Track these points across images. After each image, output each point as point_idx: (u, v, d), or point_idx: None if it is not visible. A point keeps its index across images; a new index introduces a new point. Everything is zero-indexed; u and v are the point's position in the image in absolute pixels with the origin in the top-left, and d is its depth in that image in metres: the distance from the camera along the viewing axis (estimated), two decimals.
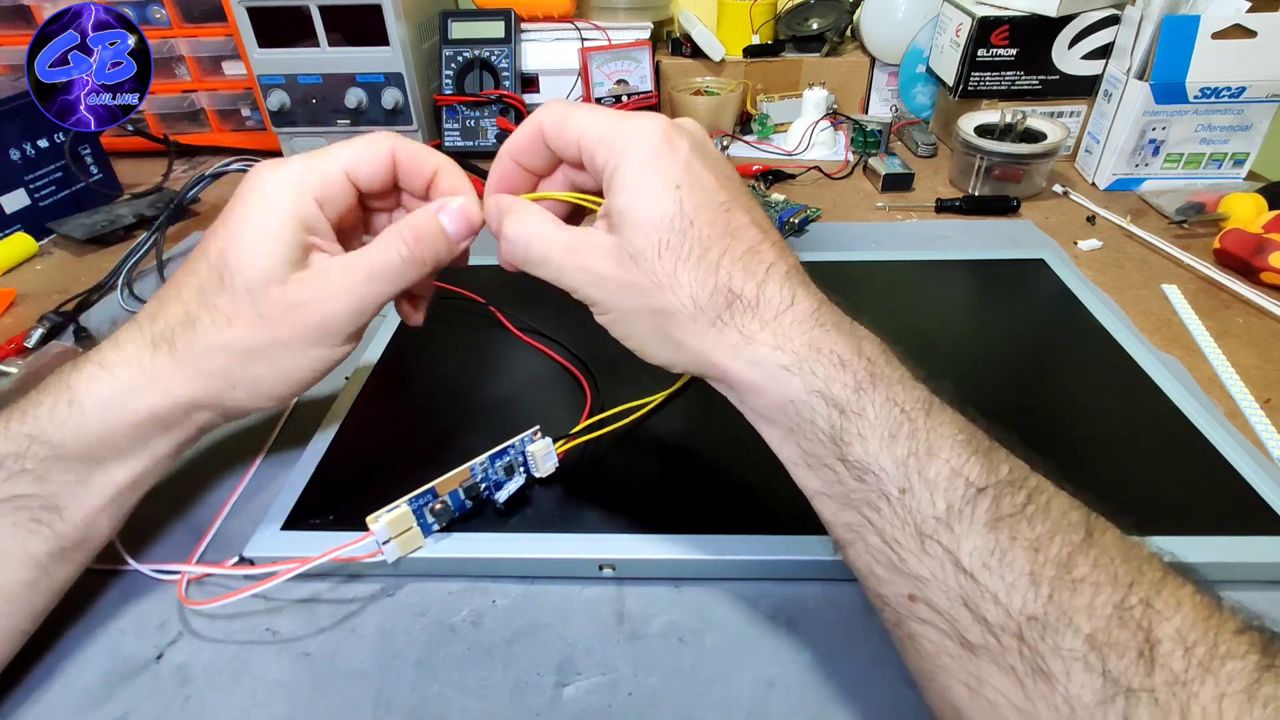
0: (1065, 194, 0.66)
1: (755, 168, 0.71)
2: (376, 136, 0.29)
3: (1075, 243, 0.58)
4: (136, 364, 0.27)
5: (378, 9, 0.68)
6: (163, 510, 0.35)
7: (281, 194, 0.27)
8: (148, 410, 0.27)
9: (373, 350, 0.44)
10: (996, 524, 0.20)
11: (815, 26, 0.83)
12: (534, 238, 0.26)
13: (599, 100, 0.77)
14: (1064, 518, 0.20)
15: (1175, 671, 0.17)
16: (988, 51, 0.69)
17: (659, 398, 0.39)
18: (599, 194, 0.27)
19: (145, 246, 0.56)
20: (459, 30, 0.75)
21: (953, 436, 0.21)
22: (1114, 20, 0.66)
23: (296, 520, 0.33)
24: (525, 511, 0.33)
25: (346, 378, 0.43)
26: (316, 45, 0.70)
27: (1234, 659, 0.17)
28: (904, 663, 0.23)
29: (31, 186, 0.62)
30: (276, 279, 0.26)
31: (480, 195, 0.30)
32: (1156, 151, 0.65)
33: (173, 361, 0.27)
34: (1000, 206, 0.63)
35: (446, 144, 0.75)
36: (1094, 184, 0.68)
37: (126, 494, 0.28)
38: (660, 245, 0.24)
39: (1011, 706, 0.19)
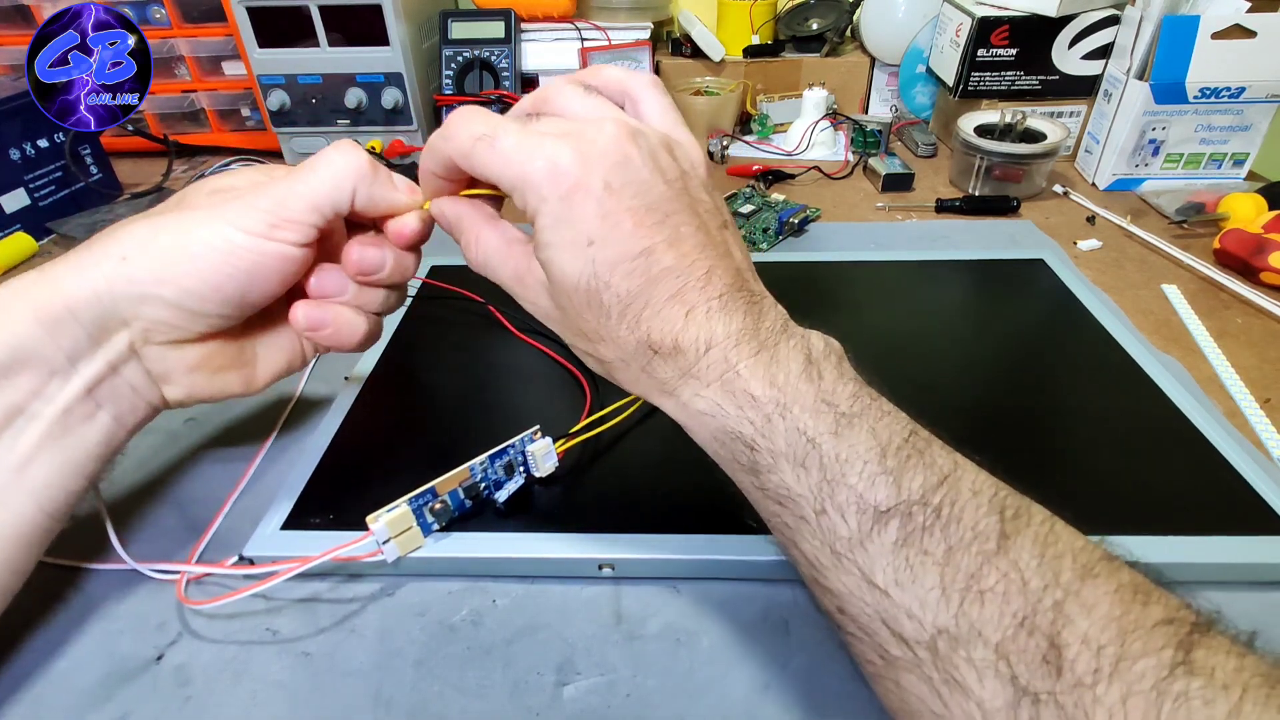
0: (1065, 194, 0.66)
1: (755, 168, 0.71)
2: (342, 177, 0.26)
3: (1075, 243, 0.58)
4: (30, 271, 0.25)
5: (378, 9, 0.68)
6: (163, 510, 0.35)
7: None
8: (31, 311, 0.24)
9: (373, 350, 0.44)
10: (905, 542, 0.20)
11: (815, 26, 0.83)
12: (487, 258, 0.26)
13: None
14: (975, 528, 0.20)
15: (1079, 675, 0.17)
16: (988, 51, 0.69)
17: None
18: None
19: None
20: (459, 30, 0.75)
21: (862, 458, 0.21)
22: (1114, 20, 0.66)
23: (296, 520, 0.33)
24: (525, 511, 0.33)
25: (346, 377, 0.43)
26: (316, 45, 0.70)
27: (1147, 656, 0.17)
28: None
29: (31, 186, 0.62)
30: (210, 186, 0.27)
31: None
32: (1156, 151, 0.65)
33: (64, 252, 0.25)
34: (1000, 206, 0.63)
35: None
36: (1094, 184, 0.68)
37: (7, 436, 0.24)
38: (581, 307, 0.24)
39: (931, 713, 0.19)
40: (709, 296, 0.23)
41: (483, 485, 0.32)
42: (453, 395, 0.41)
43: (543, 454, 0.33)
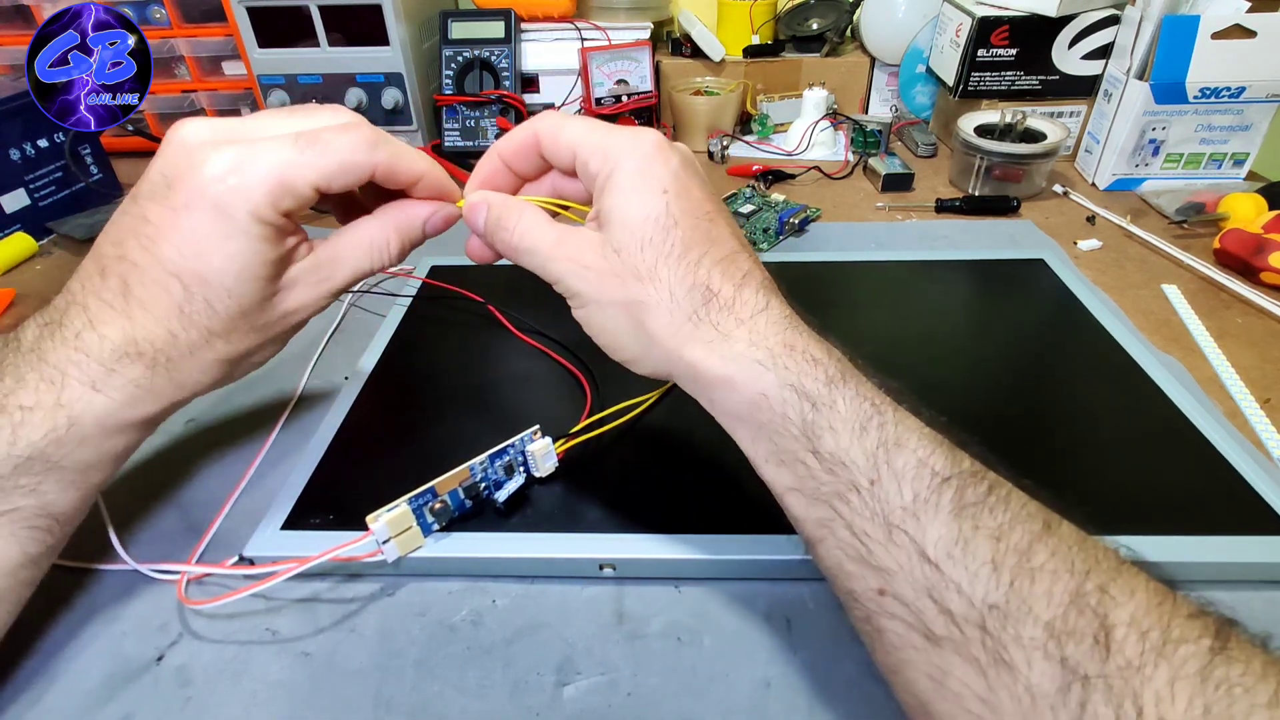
0: (1065, 194, 0.66)
1: (755, 168, 0.71)
2: (359, 148, 0.26)
3: (1075, 243, 0.58)
4: (134, 385, 0.26)
5: (378, 9, 0.68)
6: (163, 510, 0.35)
7: (250, 214, 0.25)
8: (142, 419, 0.27)
9: (373, 350, 0.44)
10: (960, 512, 0.20)
11: (815, 26, 0.83)
12: (528, 229, 0.27)
13: (599, 101, 0.77)
14: (1023, 509, 0.21)
15: (1129, 657, 0.17)
16: (988, 51, 0.69)
17: (656, 394, 0.39)
18: (583, 204, 0.28)
19: None
20: (459, 30, 0.75)
21: (919, 429, 0.22)
22: (1114, 20, 0.66)
23: (296, 520, 0.33)
24: (525, 511, 0.33)
25: (346, 377, 0.43)
26: (316, 45, 0.70)
27: (1187, 643, 0.17)
28: (872, 658, 0.23)
29: (31, 186, 0.62)
30: (268, 296, 0.27)
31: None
32: (1156, 151, 0.65)
33: (170, 378, 0.27)
34: (1000, 206, 0.63)
35: (446, 144, 0.75)
36: (1094, 184, 0.68)
37: (103, 486, 0.29)
38: (644, 241, 0.25)
39: (975, 698, 0.19)
40: (762, 274, 0.26)
41: (483, 485, 0.32)
42: (453, 395, 0.41)
43: (543, 454, 0.33)
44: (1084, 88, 0.70)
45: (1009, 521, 0.20)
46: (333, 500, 0.34)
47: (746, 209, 0.62)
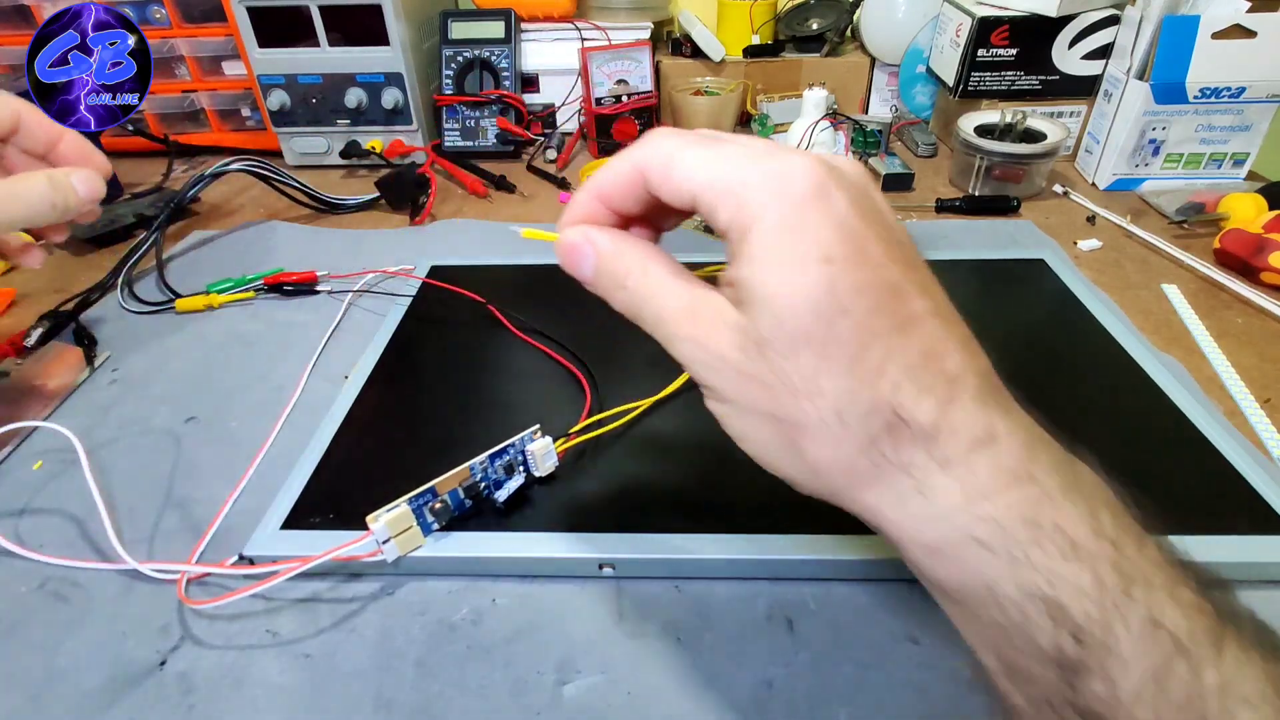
0: (1065, 194, 0.66)
1: None
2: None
3: (1075, 243, 0.58)
4: None
5: (378, 9, 0.68)
6: (163, 510, 0.35)
7: None
8: None
9: (373, 349, 0.44)
10: None
11: (815, 26, 0.83)
12: (654, 291, 0.20)
13: (599, 101, 0.77)
14: None
15: None
16: (988, 51, 0.69)
17: (656, 397, 0.39)
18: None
19: (145, 246, 0.56)
20: (459, 30, 0.75)
21: (1258, 690, 0.15)
22: (1114, 20, 0.66)
23: (296, 519, 0.33)
24: (525, 511, 0.33)
25: (346, 377, 0.43)
26: (316, 45, 0.70)
27: None
28: None
29: None
30: None
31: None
32: (1156, 151, 0.65)
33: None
34: (1000, 206, 0.63)
35: (447, 144, 0.75)
36: (1094, 184, 0.68)
37: None
38: (797, 337, 0.18)
39: None
40: (978, 374, 0.18)
41: (483, 485, 0.32)
42: (453, 395, 0.41)
43: (543, 454, 0.33)
44: (1084, 88, 0.70)
45: None
46: (333, 500, 0.34)
47: None
